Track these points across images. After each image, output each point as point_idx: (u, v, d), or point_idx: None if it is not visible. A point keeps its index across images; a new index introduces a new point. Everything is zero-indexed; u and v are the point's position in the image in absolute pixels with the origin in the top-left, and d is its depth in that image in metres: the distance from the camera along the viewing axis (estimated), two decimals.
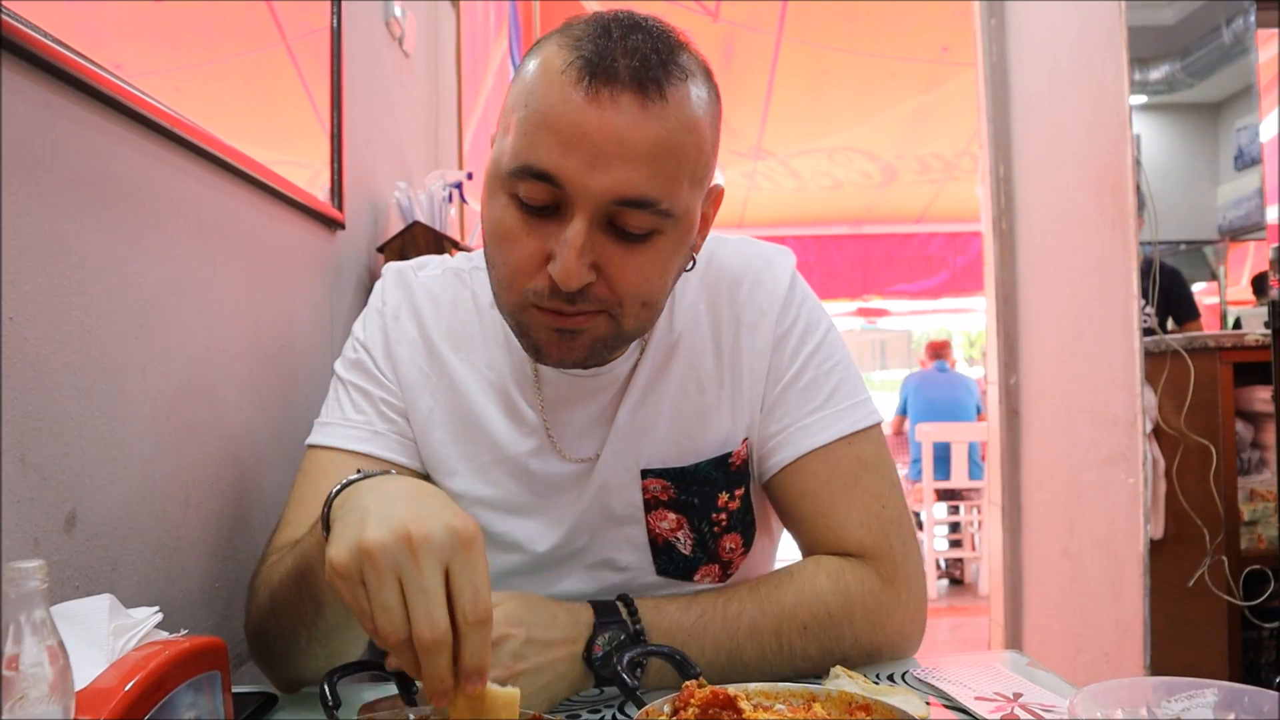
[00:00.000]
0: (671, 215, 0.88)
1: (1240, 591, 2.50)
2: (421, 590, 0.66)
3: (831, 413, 1.06)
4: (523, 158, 0.86)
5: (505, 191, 0.89)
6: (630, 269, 0.89)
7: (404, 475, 0.82)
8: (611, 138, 0.84)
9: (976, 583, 5.95)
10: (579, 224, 0.86)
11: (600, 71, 0.84)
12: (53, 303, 0.85)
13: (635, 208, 0.86)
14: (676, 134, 0.86)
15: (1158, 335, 2.66)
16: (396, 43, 2.21)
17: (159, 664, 0.64)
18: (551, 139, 0.85)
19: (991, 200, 3.00)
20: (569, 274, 0.86)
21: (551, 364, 0.95)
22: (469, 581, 0.67)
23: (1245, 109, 4.93)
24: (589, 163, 0.84)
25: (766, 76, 5.56)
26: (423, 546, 0.67)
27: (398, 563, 0.66)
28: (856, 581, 1.01)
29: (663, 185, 0.87)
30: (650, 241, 0.89)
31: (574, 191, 0.85)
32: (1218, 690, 0.66)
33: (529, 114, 0.87)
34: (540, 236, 0.88)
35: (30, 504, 0.81)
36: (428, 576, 0.66)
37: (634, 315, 0.92)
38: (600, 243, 0.88)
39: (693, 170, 0.90)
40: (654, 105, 0.85)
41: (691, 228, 0.94)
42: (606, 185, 0.84)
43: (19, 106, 0.81)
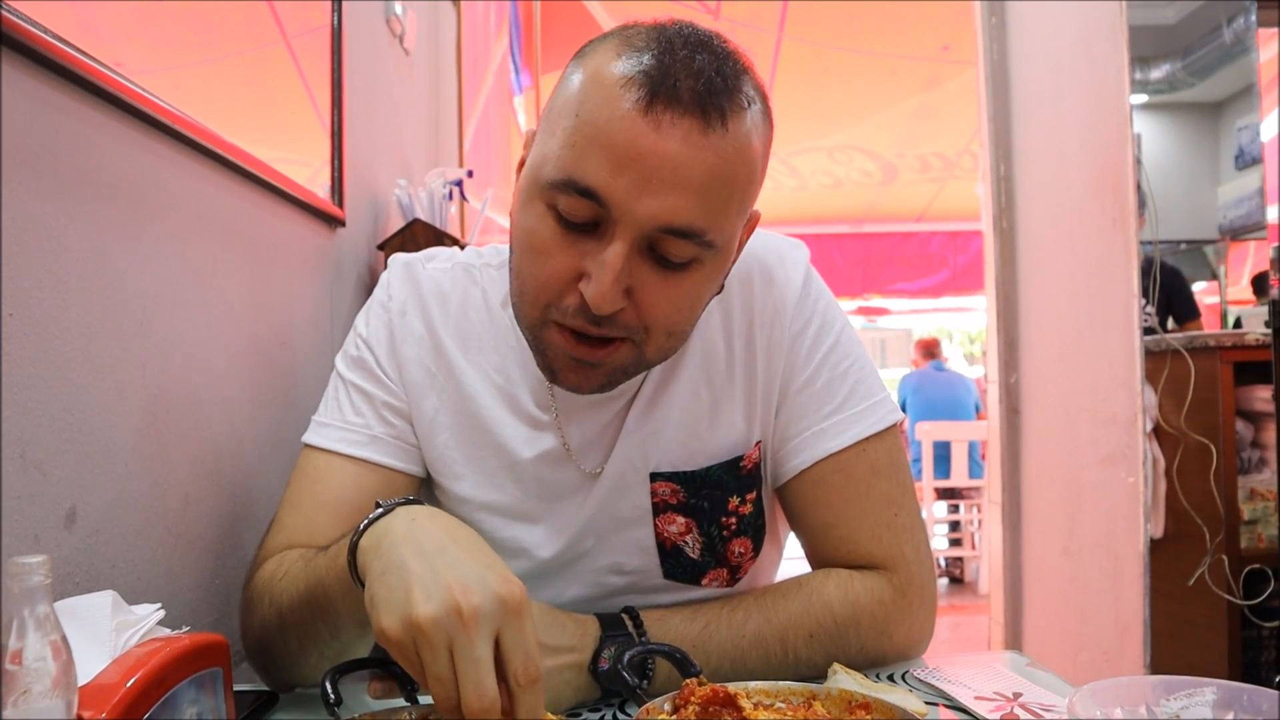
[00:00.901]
0: (714, 246, 0.85)
1: (1240, 591, 2.50)
2: (473, 661, 0.66)
3: (847, 416, 1.03)
4: (569, 171, 0.82)
5: (543, 201, 0.85)
6: (664, 298, 0.86)
7: (429, 508, 0.79)
8: (666, 163, 0.80)
9: (976, 581, 5.95)
10: (619, 246, 0.82)
11: (662, 90, 0.79)
12: (53, 299, 0.85)
13: (680, 237, 0.83)
14: (732, 164, 0.83)
15: (1158, 334, 2.66)
16: (397, 40, 2.21)
17: (161, 660, 0.64)
18: (602, 156, 0.80)
19: (992, 199, 3.00)
20: (603, 298, 0.82)
21: (565, 388, 0.93)
22: (519, 646, 0.68)
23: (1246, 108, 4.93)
24: (639, 186, 0.80)
25: (767, 75, 5.53)
26: (474, 620, 0.67)
27: (450, 636, 0.67)
28: (865, 591, 1.00)
29: (710, 216, 0.83)
30: (689, 271, 0.86)
31: (619, 213, 0.81)
32: (1216, 689, 0.66)
33: (579, 124, 0.82)
34: (575, 254, 0.84)
35: (30, 500, 0.81)
36: (479, 648, 0.66)
37: (658, 345, 0.90)
38: (637, 268, 0.84)
39: (741, 202, 0.87)
40: (714, 133, 0.81)
41: (730, 256, 0.91)
42: (654, 212, 0.81)
43: (20, 103, 0.81)
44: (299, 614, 0.89)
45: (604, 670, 0.90)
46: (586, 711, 0.90)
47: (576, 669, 0.90)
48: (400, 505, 0.79)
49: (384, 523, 0.77)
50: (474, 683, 0.66)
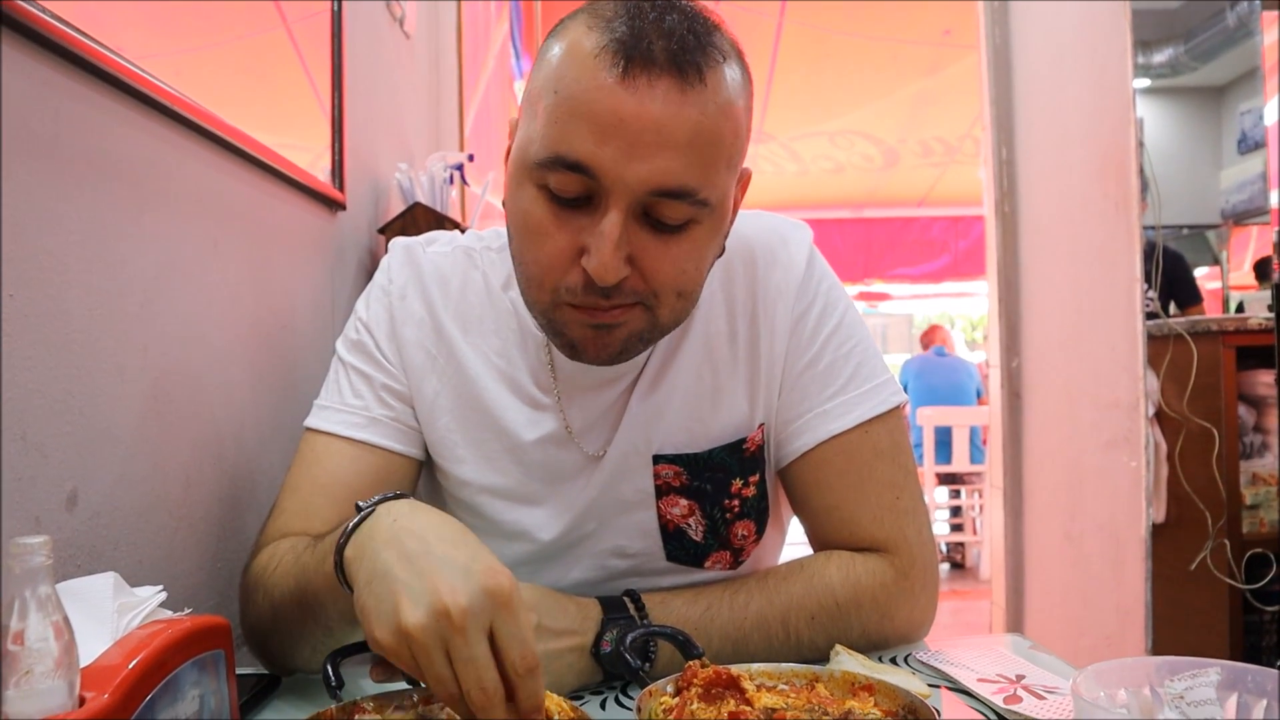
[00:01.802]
0: (709, 204, 0.85)
1: (1242, 575, 2.50)
2: (470, 661, 0.66)
3: (850, 397, 1.03)
4: (554, 148, 0.82)
5: (533, 183, 0.85)
6: (666, 261, 0.86)
7: (410, 503, 0.78)
8: (649, 126, 0.80)
9: (978, 566, 5.96)
10: (615, 216, 0.82)
11: (636, 54, 0.79)
12: (53, 280, 0.85)
13: (673, 198, 0.82)
14: (715, 120, 0.83)
15: (1160, 319, 2.66)
16: (397, 24, 2.20)
17: (163, 642, 0.64)
18: (585, 128, 0.80)
19: (994, 184, 2.99)
20: (606, 269, 0.82)
21: (588, 361, 0.92)
22: (513, 637, 0.68)
23: (1249, 92, 4.91)
24: (625, 153, 0.80)
25: (768, 59, 5.54)
26: (463, 620, 0.66)
27: (443, 639, 0.67)
28: (867, 573, 1.00)
29: (701, 174, 0.83)
30: (687, 232, 0.86)
31: (609, 183, 0.81)
32: (1220, 669, 0.65)
33: (559, 100, 0.82)
34: (572, 230, 0.85)
35: (31, 482, 0.81)
36: (473, 646, 0.66)
37: (670, 307, 0.90)
38: (636, 234, 0.84)
39: (730, 156, 0.86)
40: (693, 90, 0.80)
41: (726, 214, 0.91)
42: (644, 176, 0.81)
43: (21, 85, 0.80)
44: (290, 610, 0.89)
45: (606, 653, 0.90)
46: (589, 694, 0.90)
47: (578, 652, 0.90)
48: (382, 503, 0.78)
49: (367, 526, 0.76)
50: (474, 680, 0.66)
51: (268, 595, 0.92)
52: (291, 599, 0.88)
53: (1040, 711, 0.80)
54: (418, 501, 0.79)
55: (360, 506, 0.79)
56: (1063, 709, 0.80)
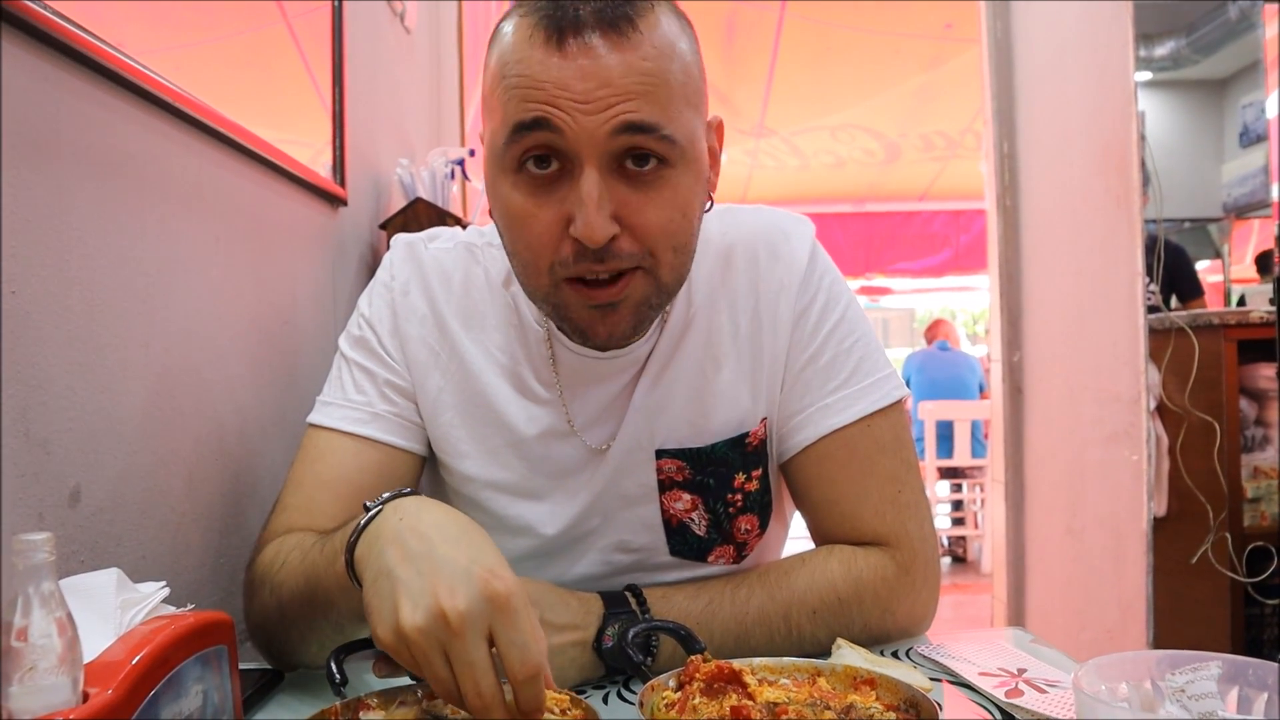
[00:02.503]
0: (677, 143, 0.86)
1: (1243, 568, 2.50)
2: (467, 665, 0.66)
3: (852, 392, 1.03)
4: (516, 117, 0.84)
5: (509, 171, 0.87)
6: (651, 211, 0.87)
7: (418, 500, 0.79)
8: (596, 82, 0.82)
9: (979, 560, 5.96)
10: (590, 174, 0.84)
11: (566, 24, 0.83)
12: (55, 277, 0.85)
13: (639, 134, 0.84)
14: (658, 61, 0.85)
15: (1162, 312, 2.66)
16: (398, 19, 2.19)
17: (166, 638, 0.65)
18: (539, 97, 0.83)
19: (995, 177, 2.99)
20: (593, 227, 0.83)
21: (600, 343, 0.93)
22: (512, 643, 0.67)
23: (1251, 85, 4.89)
24: (582, 110, 0.82)
25: (769, 54, 5.52)
26: (461, 625, 0.66)
27: (441, 641, 0.67)
28: (869, 568, 1.00)
29: (659, 110, 0.85)
30: (663, 179, 0.87)
31: (574, 141, 0.83)
32: (1221, 663, 0.65)
33: (509, 83, 0.85)
34: (554, 204, 0.86)
35: (34, 478, 0.81)
36: (471, 650, 0.66)
37: (669, 264, 0.90)
38: (616, 190, 0.86)
39: (685, 94, 0.88)
40: (628, 39, 0.83)
41: (701, 159, 0.91)
42: (604, 122, 0.83)
43: (22, 81, 0.80)
44: (299, 607, 0.89)
45: (608, 647, 0.90)
46: (591, 689, 0.91)
47: (581, 646, 0.90)
48: (391, 501, 0.78)
49: (374, 525, 0.76)
50: (471, 684, 0.66)
51: (275, 592, 0.92)
52: (300, 597, 0.88)
53: (1042, 705, 0.80)
54: (426, 498, 0.79)
55: (368, 506, 0.79)
56: (1064, 703, 0.80)
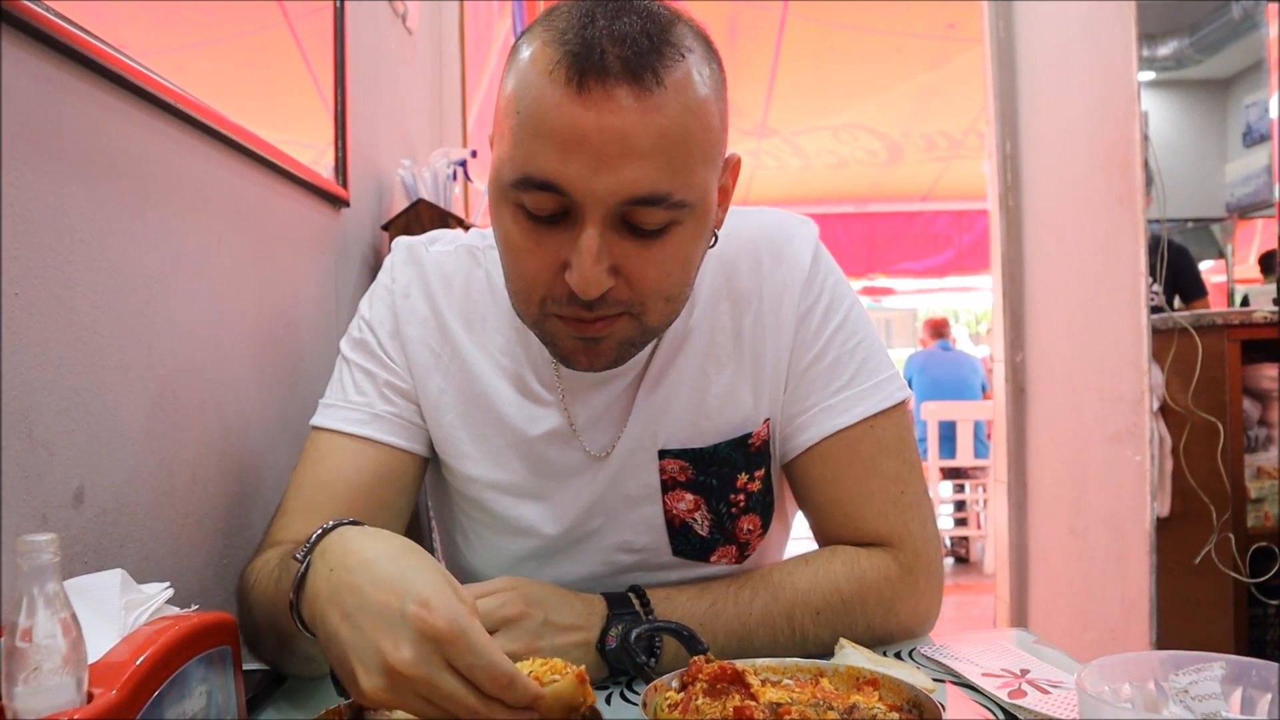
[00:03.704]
0: (686, 205, 0.84)
1: (1246, 569, 2.50)
2: (445, 698, 0.65)
3: (855, 392, 1.03)
4: (523, 169, 0.82)
5: (510, 203, 0.85)
6: (650, 266, 0.85)
7: (343, 538, 0.75)
8: (612, 138, 0.78)
9: (982, 561, 5.96)
10: (591, 230, 0.81)
11: (590, 67, 0.78)
12: (58, 278, 0.85)
13: (648, 205, 0.82)
14: (681, 120, 0.81)
15: (1165, 313, 2.65)
16: (400, 20, 2.19)
17: (170, 639, 0.65)
18: (549, 146, 0.80)
19: (998, 177, 2.99)
20: (587, 283, 0.82)
21: (581, 370, 0.93)
22: (473, 666, 0.65)
23: (1255, 85, 4.89)
24: (592, 168, 0.79)
25: (771, 54, 5.53)
26: (415, 672, 0.64)
27: (411, 690, 0.65)
28: (872, 568, 1.00)
29: (673, 177, 0.82)
30: (669, 235, 0.85)
31: (580, 198, 0.81)
32: (1225, 664, 0.65)
33: (521, 121, 0.82)
34: (552, 246, 0.84)
35: (38, 480, 0.81)
36: (440, 687, 0.65)
37: (657, 312, 0.90)
38: (616, 244, 0.84)
39: (704, 153, 0.85)
40: (652, 96, 0.79)
41: (709, 211, 0.89)
42: (613, 188, 0.80)
43: (24, 82, 0.80)
44: (270, 633, 0.89)
45: (611, 648, 0.90)
46: (594, 689, 0.91)
47: (584, 647, 0.90)
48: (316, 544, 0.76)
49: (310, 583, 0.74)
50: (460, 708, 0.65)
51: (249, 612, 0.93)
52: (269, 624, 0.88)
53: (1045, 706, 0.80)
54: (349, 530, 0.76)
55: (297, 557, 0.77)
56: (1067, 704, 0.80)
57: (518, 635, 0.87)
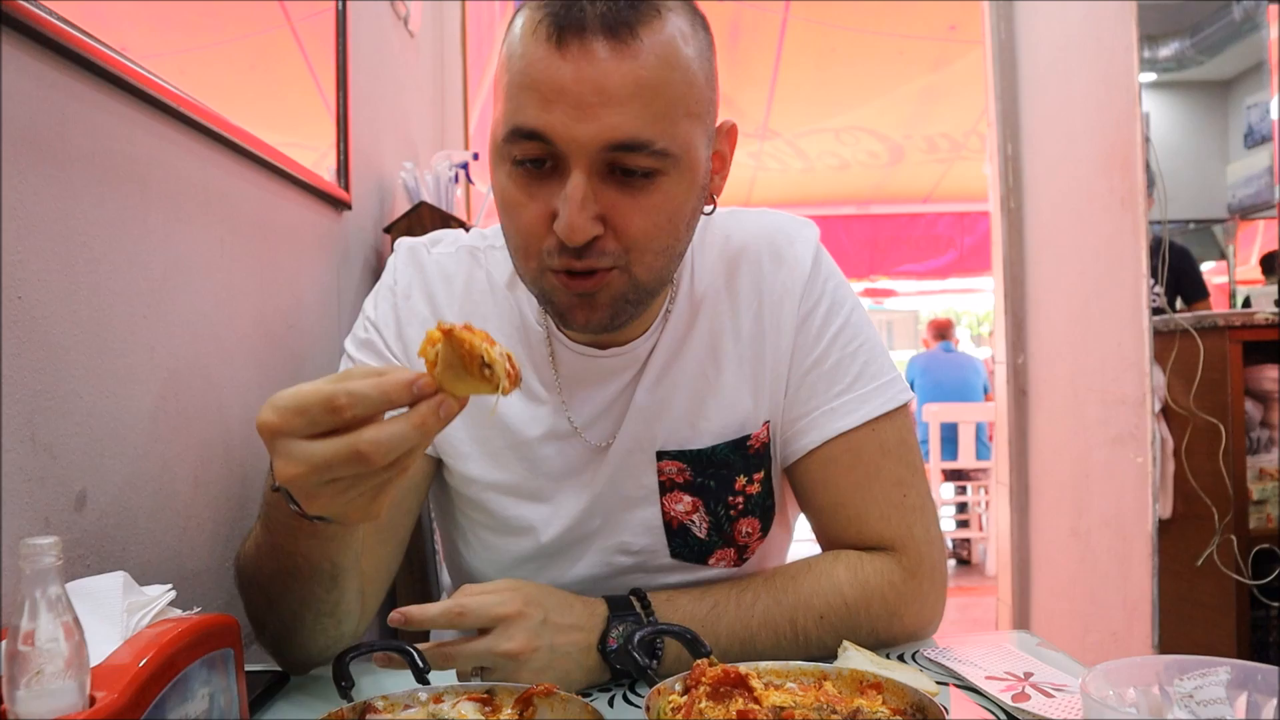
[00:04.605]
0: (671, 155, 0.87)
1: (1249, 570, 2.49)
2: (329, 460, 0.68)
3: (856, 396, 1.03)
4: (511, 121, 0.86)
5: (505, 160, 0.89)
6: (636, 215, 0.88)
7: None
8: (590, 87, 0.83)
9: (984, 563, 5.96)
10: (577, 177, 0.85)
11: (568, 24, 0.83)
12: (61, 282, 0.85)
13: (630, 151, 0.85)
14: (660, 71, 0.85)
15: (1167, 314, 2.65)
16: (402, 23, 2.20)
17: (173, 641, 0.65)
18: (534, 98, 0.84)
19: (1000, 179, 2.98)
20: (573, 229, 0.85)
21: (579, 328, 0.93)
22: (291, 408, 0.70)
23: (1256, 86, 4.88)
24: (573, 116, 0.83)
25: (773, 56, 5.52)
26: (293, 471, 0.69)
27: (320, 480, 0.70)
28: (876, 573, 1.00)
29: (654, 125, 0.85)
30: (655, 184, 0.88)
31: (564, 145, 0.84)
32: (1230, 668, 0.65)
33: (511, 79, 0.87)
34: (544, 197, 0.87)
35: (41, 483, 0.81)
36: (315, 458, 0.68)
37: (646, 265, 0.90)
38: (603, 193, 0.87)
39: (686, 105, 0.88)
40: (628, 47, 0.83)
41: (696, 167, 0.91)
42: (594, 133, 0.84)
43: (27, 86, 0.80)
44: (283, 582, 0.88)
45: (613, 650, 0.90)
46: (596, 692, 0.91)
47: (585, 649, 0.91)
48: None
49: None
50: (346, 453, 0.68)
51: (255, 582, 0.91)
52: (277, 568, 0.87)
53: (1048, 709, 0.80)
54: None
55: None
56: (1071, 707, 0.80)
57: (514, 634, 0.87)
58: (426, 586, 1.46)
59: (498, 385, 0.70)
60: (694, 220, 0.95)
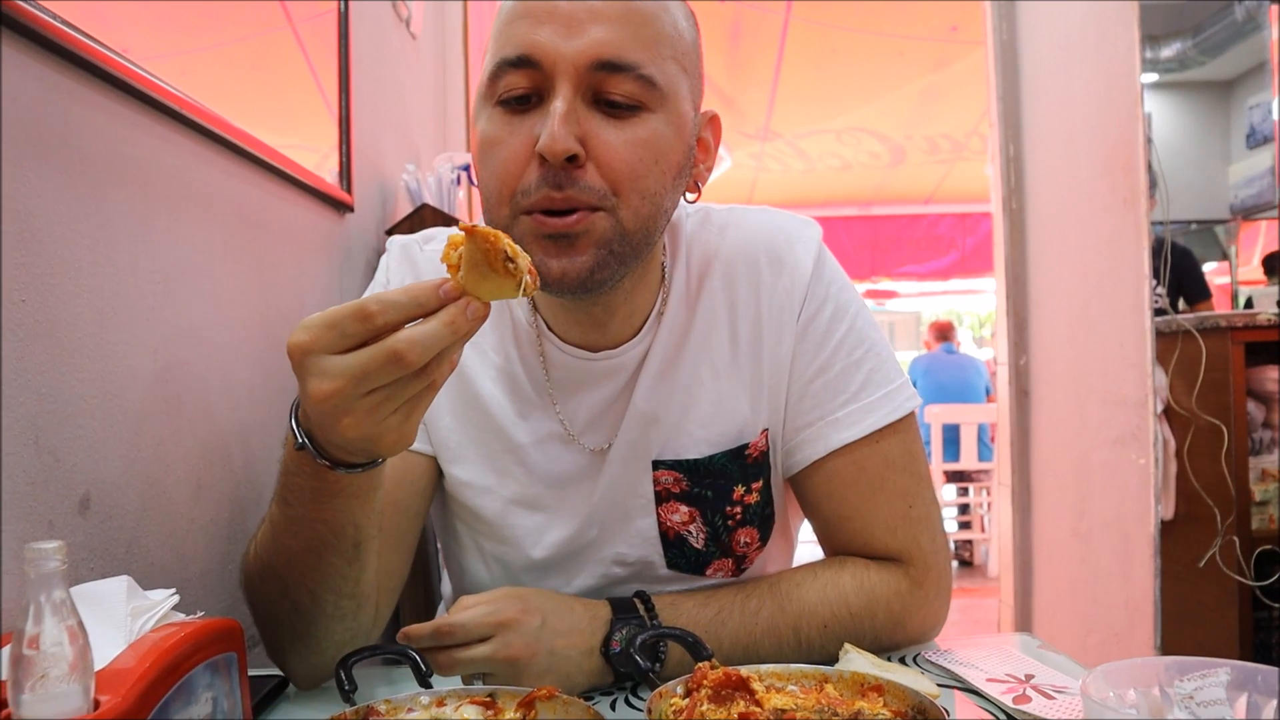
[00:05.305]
0: (657, 86, 0.87)
1: (1251, 571, 2.49)
2: (364, 370, 0.69)
3: (861, 406, 1.00)
4: (499, 53, 0.87)
5: (490, 103, 0.89)
6: (621, 145, 0.86)
7: None
8: (581, 6, 0.85)
9: (986, 564, 5.96)
10: (562, 91, 0.84)
11: None
12: (65, 285, 0.85)
13: (616, 70, 0.85)
14: (647, 4, 0.87)
15: (1169, 315, 2.65)
16: (404, 25, 2.20)
17: (176, 645, 0.65)
18: (524, 23, 0.85)
19: (1001, 180, 2.98)
20: (554, 137, 0.83)
21: (554, 282, 0.87)
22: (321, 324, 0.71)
23: (1257, 86, 4.88)
24: (562, 33, 0.84)
25: (774, 57, 5.52)
26: (325, 390, 0.70)
27: (354, 394, 0.70)
28: (882, 582, 0.99)
29: (641, 49, 0.86)
30: (640, 118, 0.87)
31: (550, 63, 0.84)
32: (1230, 669, 0.65)
33: (503, 20, 0.88)
34: (525, 130, 0.86)
35: (44, 486, 0.81)
36: (354, 369, 0.69)
37: (632, 208, 0.87)
38: (588, 119, 0.86)
39: (674, 48, 0.89)
40: None
41: (683, 119, 0.91)
42: (582, 48, 0.84)
43: (31, 90, 0.81)
44: (304, 559, 0.85)
45: (616, 653, 0.90)
46: (599, 695, 0.91)
47: (586, 652, 0.90)
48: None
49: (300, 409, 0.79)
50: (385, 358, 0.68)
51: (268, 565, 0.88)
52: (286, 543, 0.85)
53: (1049, 711, 0.80)
54: None
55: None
56: (1072, 709, 0.80)
57: (513, 639, 0.86)
58: (429, 595, 1.46)
59: (520, 281, 0.69)
60: (680, 179, 0.93)
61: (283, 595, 0.88)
